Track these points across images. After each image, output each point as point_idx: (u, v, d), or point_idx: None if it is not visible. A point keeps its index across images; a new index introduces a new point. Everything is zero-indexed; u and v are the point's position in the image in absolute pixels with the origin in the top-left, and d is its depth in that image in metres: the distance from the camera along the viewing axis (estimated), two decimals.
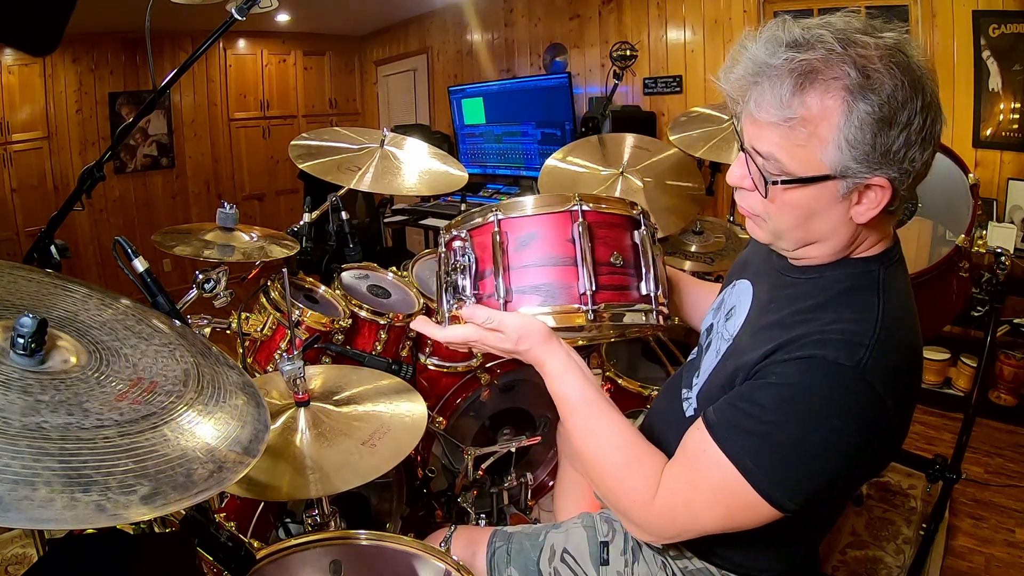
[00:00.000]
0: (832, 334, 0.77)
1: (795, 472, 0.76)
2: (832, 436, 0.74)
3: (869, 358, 0.74)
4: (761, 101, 0.75)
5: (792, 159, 0.76)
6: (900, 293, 0.83)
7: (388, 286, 1.90)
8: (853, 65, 0.71)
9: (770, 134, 0.77)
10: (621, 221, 0.98)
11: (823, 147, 0.74)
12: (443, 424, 1.77)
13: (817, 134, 0.74)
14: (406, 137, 2.10)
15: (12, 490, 0.48)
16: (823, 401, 0.75)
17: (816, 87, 0.72)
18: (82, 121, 4.91)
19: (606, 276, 0.94)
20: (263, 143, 6.02)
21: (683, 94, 3.99)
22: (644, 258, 0.98)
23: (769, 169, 0.79)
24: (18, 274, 0.78)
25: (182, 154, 5.56)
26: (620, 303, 0.95)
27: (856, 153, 0.73)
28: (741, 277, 1.03)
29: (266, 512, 1.46)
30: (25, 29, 1.44)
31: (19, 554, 2.06)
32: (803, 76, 0.73)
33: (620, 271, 0.95)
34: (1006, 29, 2.80)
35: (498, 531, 1.17)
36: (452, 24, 5.47)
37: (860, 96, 0.71)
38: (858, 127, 0.71)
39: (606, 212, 0.96)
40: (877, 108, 0.71)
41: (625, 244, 0.97)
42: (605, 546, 1.08)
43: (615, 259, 0.93)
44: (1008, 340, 2.82)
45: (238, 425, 0.70)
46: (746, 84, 0.77)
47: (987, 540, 2.15)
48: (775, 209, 0.82)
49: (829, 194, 0.77)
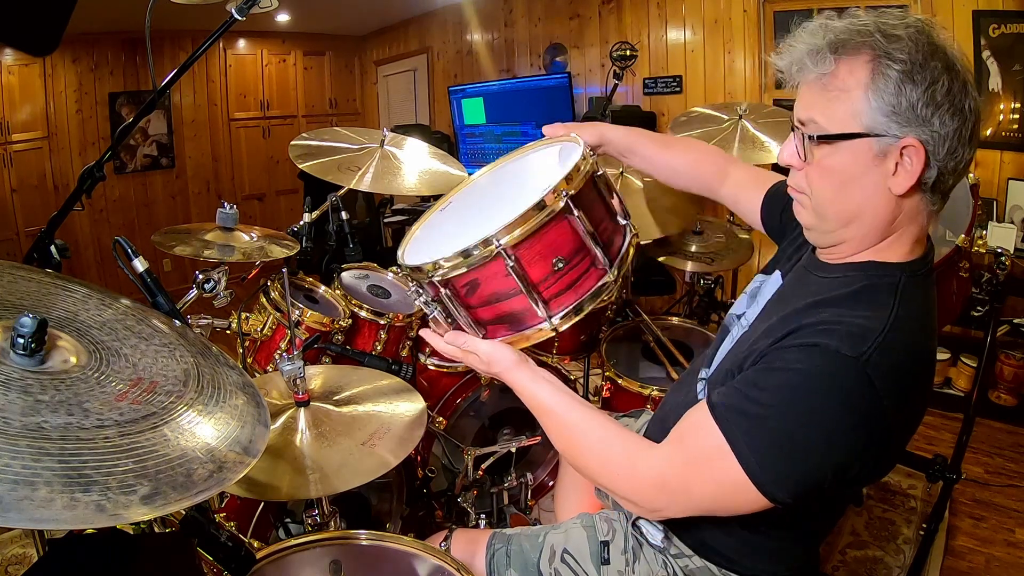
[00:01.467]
0: (839, 325, 0.78)
1: (787, 460, 0.76)
2: (827, 426, 0.75)
3: (873, 353, 0.74)
4: (802, 66, 0.83)
5: (827, 118, 0.81)
6: (919, 302, 0.83)
7: (388, 286, 1.90)
8: (879, 32, 0.78)
9: (808, 96, 0.83)
10: (547, 226, 0.91)
11: (854, 104, 0.79)
12: (443, 424, 1.77)
13: (847, 90, 0.79)
14: (406, 137, 2.10)
15: (12, 490, 0.48)
16: (821, 389, 0.75)
17: (847, 50, 0.79)
18: (82, 121, 4.91)
19: (553, 286, 0.93)
20: (263, 143, 6.02)
21: (683, 94, 3.99)
22: (588, 238, 0.94)
23: (809, 133, 0.83)
24: (18, 274, 0.78)
25: (182, 154, 5.56)
26: (576, 300, 0.95)
27: (884, 107, 0.77)
28: (777, 267, 1.06)
29: (266, 512, 1.46)
30: (25, 29, 1.44)
31: (19, 554, 2.06)
32: (836, 43, 0.80)
33: (566, 270, 0.94)
34: (1006, 29, 2.80)
35: (497, 533, 1.17)
36: (452, 24, 5.47)
37: (885, 56, 0.77)
38: (884, 82, 0.77)
39: (528, 232, 0.89)
40: (899, 64, 0.76)
41: (562, 243, 0.93)
42: (606, 545, 1.08)
43: (556, 264, 0.92)
44: (1008, 340, 2.82)
45: (238, 425, 0.70)
46: (791, 58, 0.84)
47: (987, 540, 2.15)
48: (816, 178, 0.85)
49: (864, 155, 0.80)
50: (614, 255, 0.98)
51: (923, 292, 0.85)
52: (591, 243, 0.93)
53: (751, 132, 2.17)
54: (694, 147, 1.32)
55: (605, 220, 0.99)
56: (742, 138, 2.15)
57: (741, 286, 2.99)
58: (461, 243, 0.90)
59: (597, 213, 0.97)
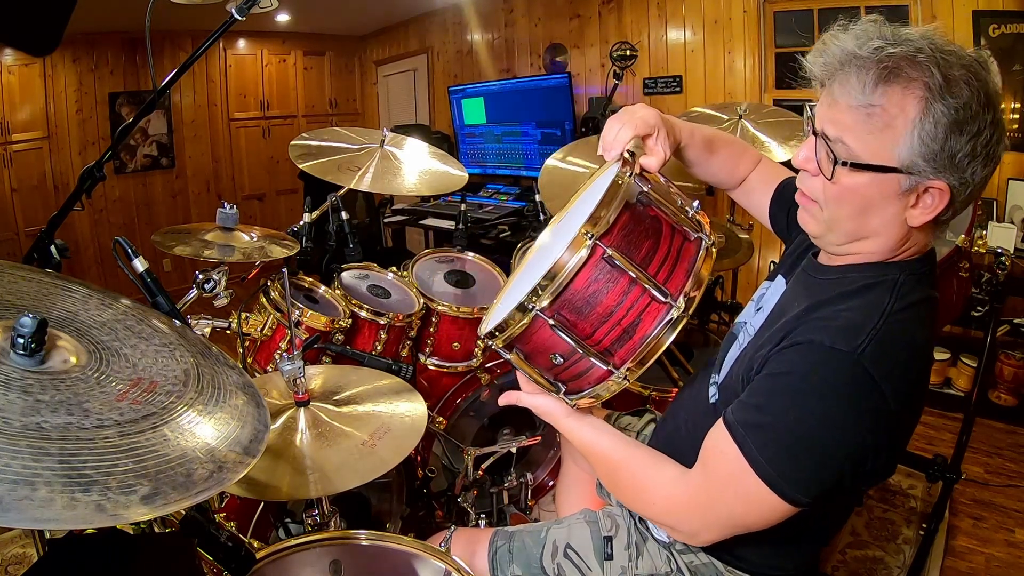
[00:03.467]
0: (832, 321, 0.78)
1: (802, 463, 0.76)
2: (833, 422, 0.75)
3: (867, 346, 0.74)
4: (846, 84, 0.78)
5: (863, 145, 0.78)
6: (916, 298, 0.82)
7: (388, 286, 1.90)
8: (937, 67, 0.74)
9: (846, 118, 0.79)
10: (533, 326, 0.86)
11: (896, 139, 0.76)
12: (443, 424, 1.77)
13: (893, 125, 0.76)
14: (406, 137, 2.10)
15: (12, 490, 0.48)
16: (820, 387, 0.75)
17: (899, 81, 0.75)
18: (82, 121, 4.91)
19: (606, 338, 0.87)
20: (263, 143, 6.02)
21: (683, 94, 3.99)
22: (636, 272, 0.85)
23: (837, 151, 0.80)
24: (18, 274, 0.78)
25: (182, 154, 5.56)
26: (583, 390, 0.92)
27: (925, 151, 0.75)
28: (780, 273, 1.05)
29: (266, 512, 1.46)
30: (25, 29, 1.44)
31: (19, 554, 2.06)
32: (888, 69, 0.75)
33: (566, 365, 0.89)
34: (1006, 29, 2.80)
35: (499, 531, 1.17)
36: (452, 24, 5.47)
37: (939, 97, 0.74)
38: (932, 126, 0.74)
39: (559, 289, 0.83)
40: (952, 112, 0.73)
41: (551, 342, 0.87)
42: (608, 541, 1.08)
43: (555, 359, 0.89)
44: (1008, 340, 2.82)
45: (238, 425, 0.70)
46: (832, 69, 0.80)
47: (987, 540, 2.15)
48: (835, 195, 0.83)
49: (890, 188, 0.79)
50: (679, 282, 0.86)
51: (923, 290, 0.84)
52: (643, 280, 0.83)
53: (751, 132, 2.17)
54: (736, 151, 1.21)
55: (655, 245, 0.88)
56: (742, 138, 2.16)
57: (741, 286, 3.00)
58: (504, 309, 0.88)
59: (642, 243, 0.87)
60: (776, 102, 3.36)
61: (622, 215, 0.85)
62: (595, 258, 0.83)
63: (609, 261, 0.83)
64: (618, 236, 0.85)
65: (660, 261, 0.88)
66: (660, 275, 0.86)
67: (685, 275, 0.87)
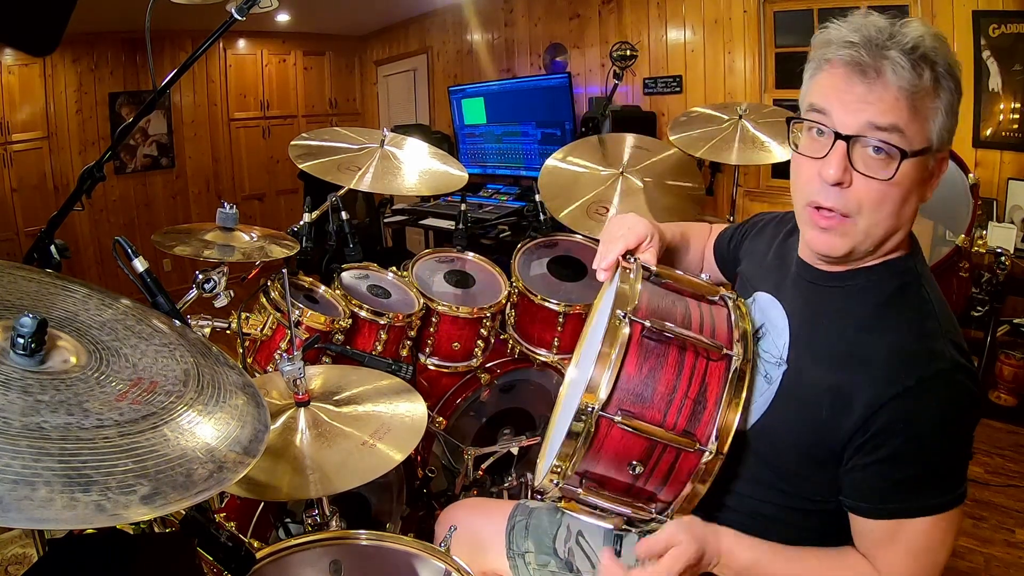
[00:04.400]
0: (915, 345, 0.80)
1: (961, 467, 0.81)
2: (969, 427, 0.81)
3: (951, 349, 0.79)
4: (897, 68, 0.75)
5: (914, 132, 0.78)
6: (930, 277, 0.89)
7: (388, 286, 1.90)
8: (940, 55, 0.78)
9: (900, 104, 0.76)
10: (599, 433, 0.79)
11: (932, 119, 0.78)
12: (443, 424, 1.77)
13: (931, 106, 0.78)
14: (406, 137, 2.10)
15: (12, 490, 0.48)
16: (952, 412, 0.78)
17: (926, 61, 0.77)
18: (82, 121, 4.91)
19: (639, 489, 0.83)
20: (263, 143, 6.02)
21: (683, 94, 3.99)
22: (681, 332, 0.81)
23: (896, 142, 0.77)
24: (18, 274, 0.78)
25: (182, 154, 5.56)
26: (680, 493, 0.83)
27: (945, 125, 0.79)
28: (758, 289, 1.01)
29: (266, 512, 1.46)
30: (25, 29, 1.44)
31: (19, 554, 2.06)
32: (919, 52, 0.76)
33: (649, 467, 0.81)
34: (1006, 29, 2.80)
35: (520, 505, 1.19)
36: (452, 24, 5.47)
37: (950, 76, 0.78)
38: (949, 103, 0.78)
39: (583, 448, 0.78)
40: (955, 85, 0.79)
41: (623, 447, 0.80)
42: (619, 539, 1.08)
43: (633, 469, 0.80)
44: (1008, 340, 2.82)
45: (238, 425, 0.70)
46: (873, 49, 0.76)
47: (987, 540, 2.15)
48: (881, 195, 0.79)
49: (924, 170, 0.81)
50: (725, 335, 0.84)
51: (927, 268, 0.90)
52: (692, 340, 0.81)
53: (751, 132, 2.17)
54: (699, 231, 1.25)
55: (687, 309, 0.87)
56: (742, 138, 2.16)
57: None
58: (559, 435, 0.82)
59: (674, 311, 0.85)
60: (776, 102, 3.36)
61: (644, 292, 0.84)
62: (636, 334, 0.80)
63: (652, 334, 0.80)
64: (648, 309, 0.82)
65: (699, 322, 0.85)
66: (704, 332, 0.83)
67: (728, 328, 0.84)
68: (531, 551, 1.11)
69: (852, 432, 0.79)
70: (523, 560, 1.10)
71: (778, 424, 0.88)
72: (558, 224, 1.94)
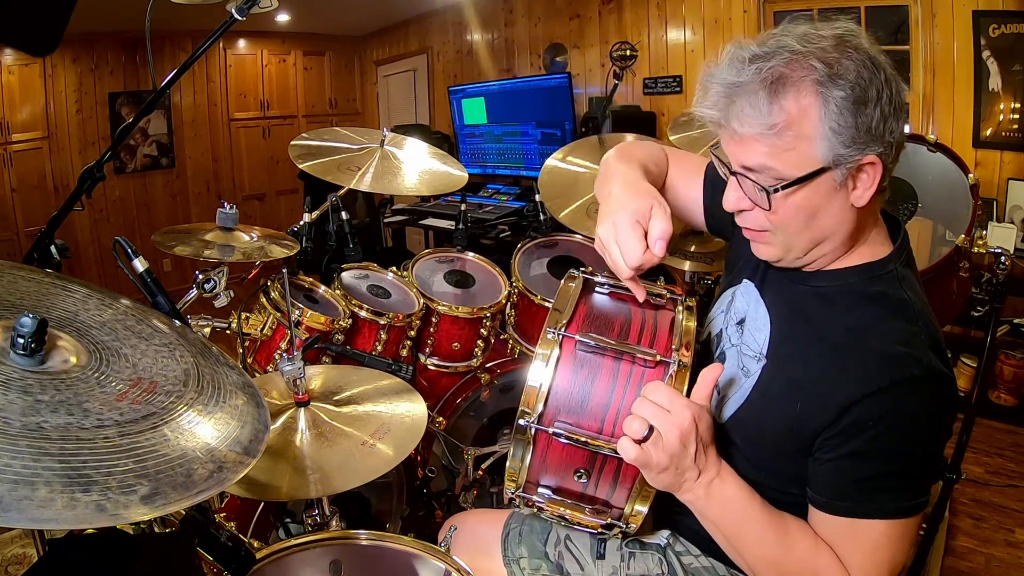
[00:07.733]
0: (894, 348, 0.79)
1: (928, 473, 0.81)
2: (943, 429, 0.81)
3: (929, 355, 0.79)
4: (742, 117, 0.77)
5: (785, 164, 0.78)
6: (913, 279, 0.88)
7: (388, 286, 1.90)
8: (816, 59, 0.74)
9: (757, 147, 0.79)
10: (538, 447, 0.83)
11: (812, 144, 0.76)
12: (443, 424, 1.77)
13: (803, 134, 0.76)
14: (406, 137, 2.10)
15: (12, 490, 0.48)
16: (921, 419, 0.78)
17: (789, 90, 0.75)
18: (82, 121, 4.91)
19: (590, 498, 0.88)
20: (263, 143, 6.02)
21: (683, 94, 3.99)
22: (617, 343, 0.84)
23: (764, 181, 0.80)
24: (18, 274, 0.78)
25: (182, 154, 5.56)
26: (628, 498, 0.87)
27: (843, 139, 0.75)
28: (743, 277, 1.02)
29: (266, 512, 1.46)
30: (25, 29, 1.44)
31: (19, 554, 2.06)
32: (774, 83, 0.75)
33: (594, 477, 0.85)
34: (1006, 29, 2.80)
35: (515, 513, 1.20)
36: (452, 24, 5.47)
37: (831, 85, 0.74)
38: (838, 113, 0.74)
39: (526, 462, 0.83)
40: (849, 90, 0.74)
41: (565, 458, 0.83)
42: (602, 542, 1.08)
43: (579, 477, 0.84)
44: (1008, 340, 2.82)
45: (238, 425, 0.70)
46: (722, 106, 0.79)
47: (987, 540, 2.15)
48: (780, 218, 0.83)
49: (827, 186, 0.79)
50: (665, 342, 0.86)
51: (911, 270, 0.90)
52: (627, 351, 0.83)
53: None
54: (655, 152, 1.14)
55: (627, 321, 0.88)
56: None
57: None
58: None
59: (613, 323, 0.87)
60: None
61: (579, 306, 0.85)
62: (570, 348, 0.81)
63: (585, 347, 0.82)
64: (583, 323, 0.84)
65: (638, 330, 0.87)
66: (643, 342, 0.85)
67: (669, 334, 0.86)
68: (524, 556, 1.12)
69: (823, 426, 0.80)
70: (518, 566, 1.11)
71: (754, 417, 0.90)
72: (558, 224, 1.93)
